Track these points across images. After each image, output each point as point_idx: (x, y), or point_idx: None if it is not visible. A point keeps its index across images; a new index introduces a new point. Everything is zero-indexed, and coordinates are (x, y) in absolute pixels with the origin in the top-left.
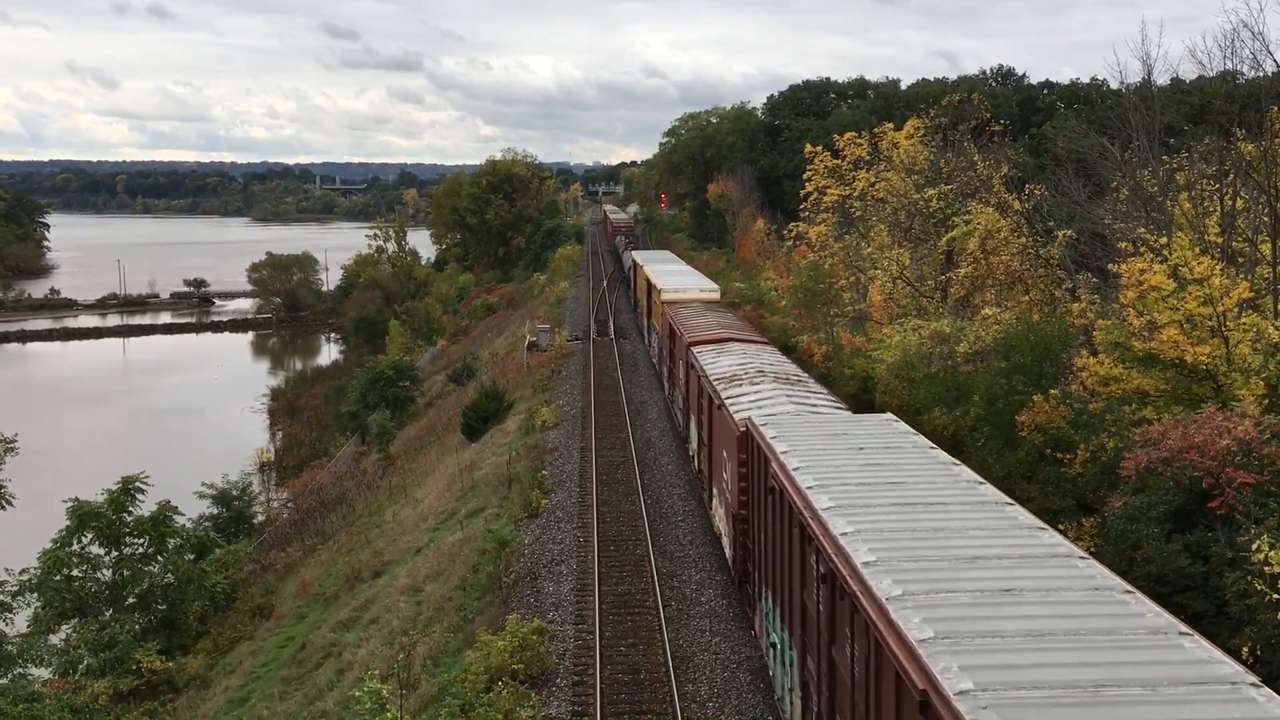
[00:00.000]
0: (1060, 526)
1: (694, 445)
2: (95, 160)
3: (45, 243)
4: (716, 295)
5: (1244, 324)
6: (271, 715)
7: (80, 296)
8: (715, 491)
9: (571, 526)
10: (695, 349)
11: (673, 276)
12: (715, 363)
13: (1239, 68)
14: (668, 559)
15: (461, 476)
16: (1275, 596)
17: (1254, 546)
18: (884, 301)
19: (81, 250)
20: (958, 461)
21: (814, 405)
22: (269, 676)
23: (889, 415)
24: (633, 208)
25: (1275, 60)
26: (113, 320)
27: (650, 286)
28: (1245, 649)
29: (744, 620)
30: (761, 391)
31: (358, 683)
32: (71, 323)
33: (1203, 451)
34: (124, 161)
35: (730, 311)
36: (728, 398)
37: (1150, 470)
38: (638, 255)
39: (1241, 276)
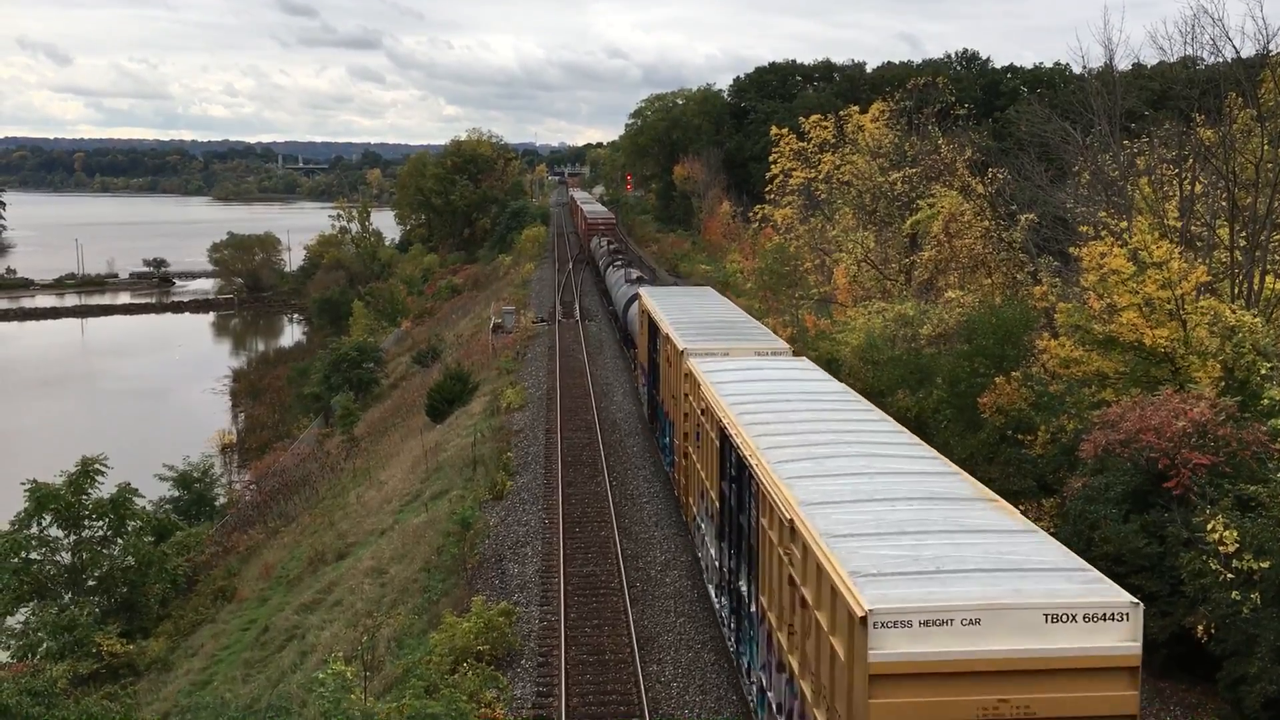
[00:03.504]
0: (1021, 507)
1: None
2: (52, 138)
3: (1, 221)
4: None
5: (1201, 307)
6: (234, 697)
7: (37, 276)
8: None
9: (537, 508)
10: None
11: (822, 450)
12: None
13: (1199, 53)
14: (633, 540)
15: (426, 458)
16: (1229, 575)
17: (1209, 526)
18: (849, 284)
19: (38, 229)
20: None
21: None
22: (231, 659)
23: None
24: (598, 189)
25: (1234, 47)
26: (71, 300)
27: (731, 448)
28: (1200, 627)
29: (708, 602)
30: None
31: (321, 665)
32: (28, 303)
33: (1159, 433)
34: (81, 139)
35: None
36: None
37: (1108, 451)
38: (659, 304)
39: (1200, 260)
